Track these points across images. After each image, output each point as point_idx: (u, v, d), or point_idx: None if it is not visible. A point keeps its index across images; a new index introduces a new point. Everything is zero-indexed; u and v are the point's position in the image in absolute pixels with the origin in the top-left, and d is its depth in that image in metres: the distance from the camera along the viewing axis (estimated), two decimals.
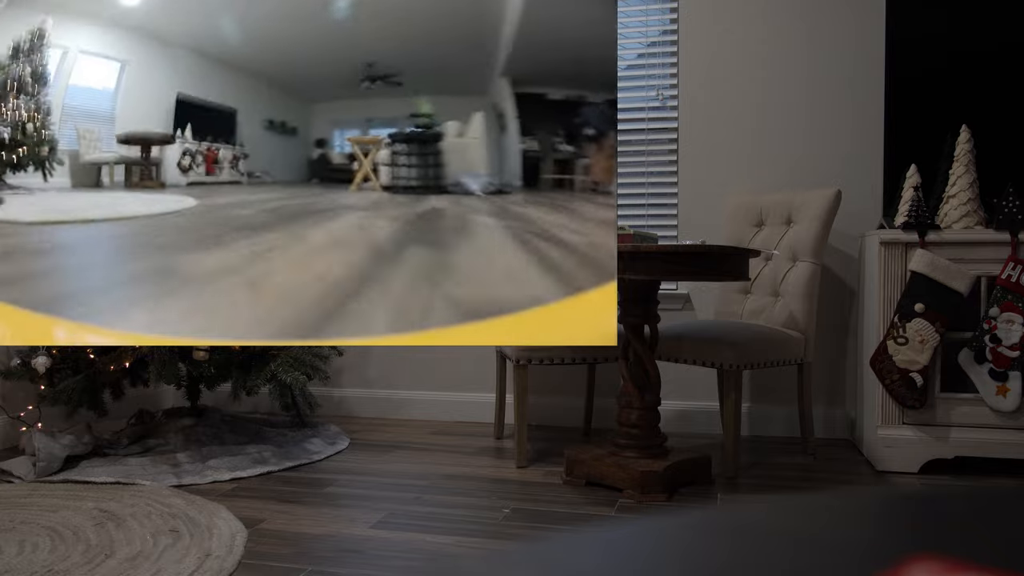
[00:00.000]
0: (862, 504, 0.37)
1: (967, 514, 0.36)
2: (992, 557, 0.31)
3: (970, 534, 0.34)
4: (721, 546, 0.33)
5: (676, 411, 3.35)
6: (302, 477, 2.58)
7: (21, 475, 2.50)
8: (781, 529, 0.34)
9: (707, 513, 0.36)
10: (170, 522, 2.06)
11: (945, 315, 2.56)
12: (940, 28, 2.94)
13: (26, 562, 1.78)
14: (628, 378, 2.44)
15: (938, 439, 2.61)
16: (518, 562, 0.31)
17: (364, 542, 1.95)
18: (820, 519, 0.36)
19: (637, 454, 2.41)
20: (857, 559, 0.31)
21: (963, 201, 2.67)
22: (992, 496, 0.38)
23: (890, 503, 0.37)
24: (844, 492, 0.39)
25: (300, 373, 2.75)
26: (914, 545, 0.32)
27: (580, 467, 2.48)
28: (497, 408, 3.20)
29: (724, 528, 0.35)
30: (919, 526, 0.35)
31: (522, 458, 2.72)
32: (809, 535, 0.34)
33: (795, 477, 2.61)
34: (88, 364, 2.69)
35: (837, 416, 3.22)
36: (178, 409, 3.05)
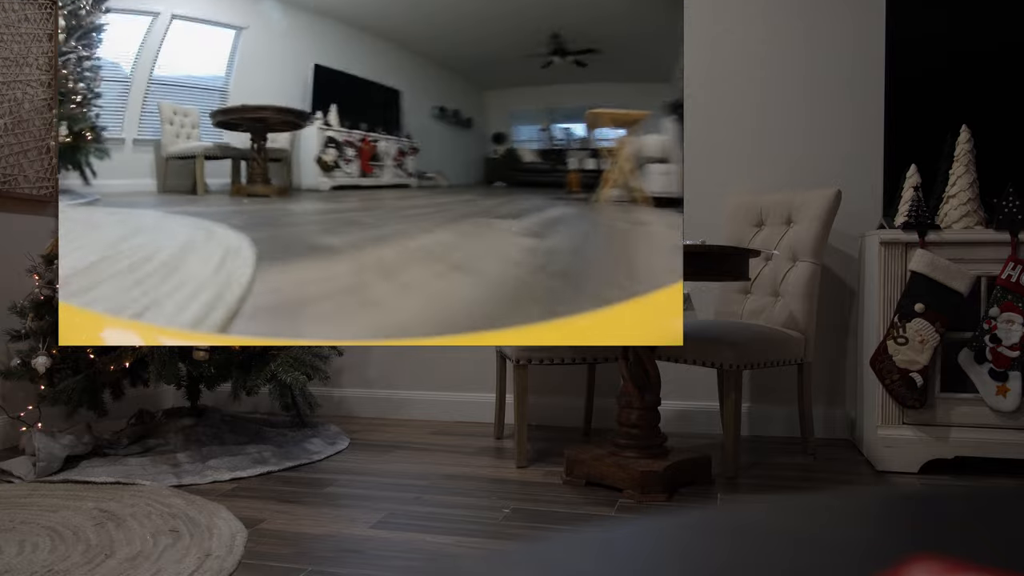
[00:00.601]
0: (862, 504, 0.37)
1: (967, 514, 0.36)
2: (992, 557, 0.31)
3: (970, 534, 0.34)
4: (721, 546, 0.33)
5: (676, 411, 3.34)
6: (302, 477, 2.58)
7: (21, 475, 2.50)
8: (781, 529, 0.34)
9: (707, 513, 0.36)
10: (170, 522, 2.06)
11: (945, 315, 2.56)
12: (940, 28, 2.94)
13: (26, 562, 1.78)
14: (628, 378, 2.44)
15: (938, 439, 2.61)
16: (518, 562, 0.31)
17: (364, 542, 1.95)
18: (820, 519, 0.36)
19: (637, 454, 2.41)
20: (857, 559, 0.31)
21: (963, 201, 2.67)
22: (992, 496, 0.38)
23: (890, 503, 0.37)
24: (844, 492, 0.39)
25: (300, 373, 2.75)
26: (914, 545, 0.32)
27: (580, 467, 2.48)
28: (497, 408, 3.20)
29: (724, 528, 0.35)
30: (919, 526, 0.35)
31: (522, 458, 2.72)
32: (809, 535, 0.34)
33: (795, 477, 2.61)
34: (88, 364, 2.69)
35: (837, 416, 3.22)
36: (178, 409, 3.05)
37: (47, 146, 3.24)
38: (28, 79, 3.16)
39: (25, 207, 3.15)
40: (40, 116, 3.20)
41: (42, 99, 3.22)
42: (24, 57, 3.14)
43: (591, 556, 0.32)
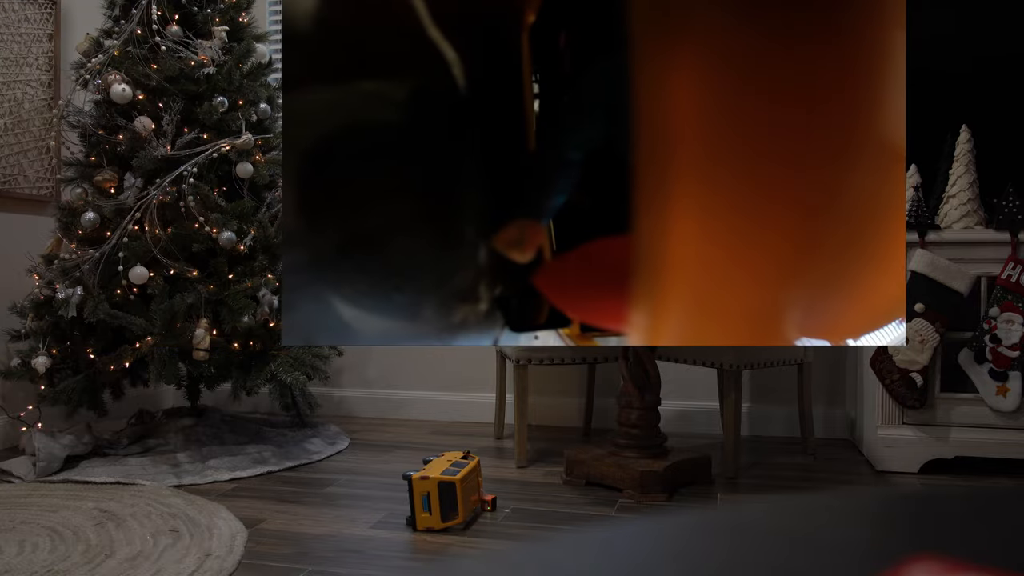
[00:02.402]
0: (862, 504, 0.37)
1: (967, 514, 0.36)
2: (992, 557, 0.31)
3: (970, 534, 0.34)
4: (721, 546, 0.33)
5: (676, 411, 3.35)
6: (302, 477, 2.58)
7: (21, 475, 2.50)
8: (781, 529, 0.34)
9: (707, 513, 0.36)
10: (170, 522, 2.06)
11: (945, 315, 2.56)
12: (940, 28, 2.94)
13: (26, 562, 1.78)
14: (628, 378, 2.44)
15: (938, 439, 2.61)
16: (518, 562, 0.31)
17: (364, 542, 1.95)
18: (820, 519, 0.36)
19: (637, 454, 2.41)
20: (857, 559, 0.31)
21: (963, 201, 2.67)
22: (992, 496, 0.38)
23: (890, 503, 0.37)
24: (844, 492, 0.39)
25: (300, 373, 2.75)
26: (914, 545, 0.32)
27: (580, 467, 2.48)
28: (497, 408, 3.20)
29: (724, 528, 0.35)
30: (919, 526, 0.35)
31: (522, 458, 2.72)
32: (809, 535, 0.34)
33: (795, 477, 2.61)
34: (88, 364, 2.69)
35: (837, 416, 3.22)
36: (178, 409, 3.05)
37: (47, 146, 3.24)
38: (28, 79, 3.16)
39: (25, 207, 3.15)
40: (40, 116, 3.20)
41: (42, 99, 3.22)
42: (24, 57, 3.14)
43: (591, 556, 0.32)
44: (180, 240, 2.69)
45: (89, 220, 2.66)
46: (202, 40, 2.87)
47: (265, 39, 3.12)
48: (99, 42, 2.85)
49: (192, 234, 2.69)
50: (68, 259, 2.69)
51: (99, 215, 2.68)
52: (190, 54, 2.82)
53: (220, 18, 2.93)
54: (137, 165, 2.68)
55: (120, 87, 2.69)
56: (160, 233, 2.65)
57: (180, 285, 2.67)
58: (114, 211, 2.70)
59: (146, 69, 2.75)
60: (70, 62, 3.06)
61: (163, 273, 2.66)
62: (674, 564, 0.31)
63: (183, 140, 2.72)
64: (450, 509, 2.02)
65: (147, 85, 2.75)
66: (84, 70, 2.80)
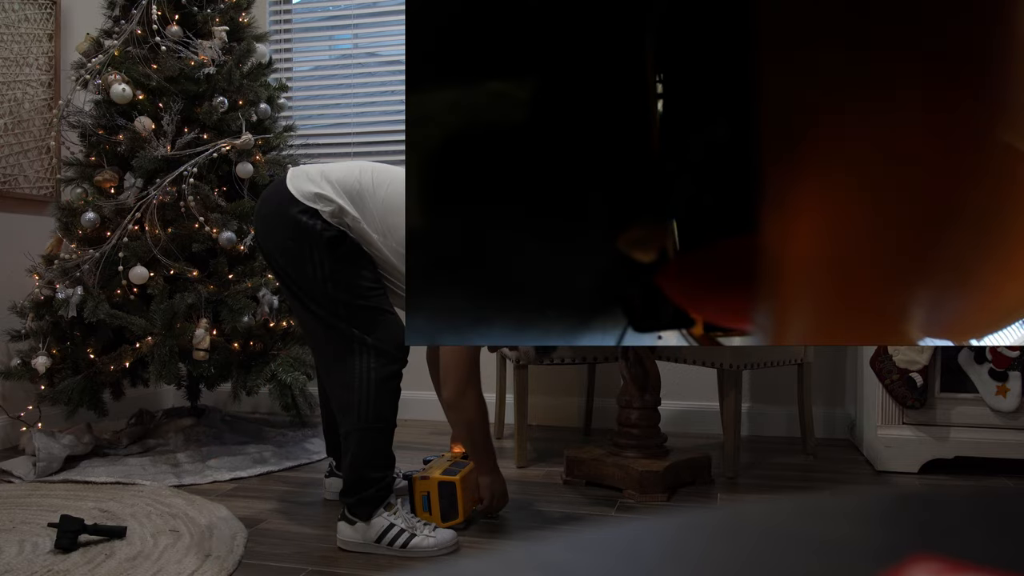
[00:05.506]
0: (862, 504, 0.37)
1: (967, 514, 0.36)
2: (992, 557, 0.31)
3: (970, 534, 0.34)
4: (721, 546, 0.33)
5: (676, 411, 3.35)
6: (302, 477, 2.58)
7: (21, 475, 2.50)
8: (781, 529, 0.34)
9: (707, 513, 0.36)
10: (170, 522, 2.06)
11: None
12: None
13: (26, 562, 1.78)
14: (628, 378, 2.44)
15: (938, 439, 2.61)
16: (518, 562, 0.31)
17: None
18: (820, 519, 0.36)
19: (637, 454, 2.41)
20: (857, 559, 0.31)
21: None
22: (992, 496, 0.38)
23: (890, 503, 0.37)
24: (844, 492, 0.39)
25: (300, 373, 2.75)
26: (914, 545, 0.32)
27: (580, 467, 2.48)
28: (497, 408, 3.20)
29: (724, 528, 0.35)
30: (919, 526, 0.35)
31: (522, 458, 2.72)
32: (809, 535, 0.34)
33: (795, 477, 2.61)
34: (88, 364, 2.69)
35: (837, 416, 3.22)
36: (178, 409, 3.05)
37: (47, 146, 3.24)
38: (28, 79, 3.16)
39: (25, 207, 3.15)
40: (40, 116, 3.20)
41: (42, 99, 3.22)
42: (24, 57, 3.14)
43: (591, 556, 0.32)
44: (180, 240, 2.69)
45: (89, 220, 2.66)
46: (202, 40, 2.87)
47: (265, 39, 3.12)
48: (99, 42, 2.85)
49: (192, 234, 2.69)
50: (68, 259, 2.69)
51: (99, 215, 2.68)
52: (190, 54, 2.82)
53: (220, 18, 2.94)
54: (137, 165, 2.69)
55: (120, 87, 2.69)
56: (160, 233, 2.65)
57: (180, 285, 2.67)
58: (114, 211, 2.70)
59: (146, 69, 2.75)
60: (70, 62, 3.06)
61: (163, 273, 2.66)
62: (674, 564, 0.31)
63: (183, 140, 2.73)
64: (450, 509, 2.02)
65: (147, 85, 2.75)
66: (84, 70, 2.80)
